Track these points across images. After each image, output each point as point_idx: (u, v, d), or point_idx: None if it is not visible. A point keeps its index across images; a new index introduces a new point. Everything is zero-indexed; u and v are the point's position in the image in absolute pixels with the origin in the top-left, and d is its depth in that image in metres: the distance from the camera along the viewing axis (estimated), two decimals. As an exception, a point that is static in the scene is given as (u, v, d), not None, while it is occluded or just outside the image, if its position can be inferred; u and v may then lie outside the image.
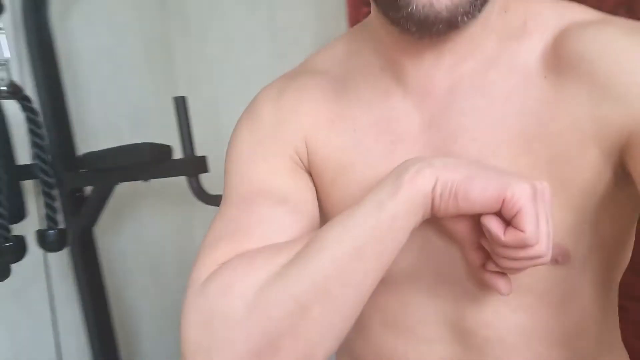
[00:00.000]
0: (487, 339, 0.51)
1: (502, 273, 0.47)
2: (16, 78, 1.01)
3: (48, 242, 1.07)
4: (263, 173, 0.55)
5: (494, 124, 0.50)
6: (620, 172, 0.48)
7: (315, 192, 0.57)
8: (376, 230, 0.44)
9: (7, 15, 1.04)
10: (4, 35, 0.98)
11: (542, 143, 0.48)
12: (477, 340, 0.52)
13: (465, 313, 0.52)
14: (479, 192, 0.42)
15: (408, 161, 0.46)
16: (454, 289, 0.52)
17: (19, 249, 1.02)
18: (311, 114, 0.57)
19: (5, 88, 0.98)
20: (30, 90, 1.16)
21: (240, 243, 0.50)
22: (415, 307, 0.53)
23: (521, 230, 0.41)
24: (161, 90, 1.48)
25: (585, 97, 0.47)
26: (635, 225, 0.52)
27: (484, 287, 0.50)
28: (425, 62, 0.51)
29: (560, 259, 0.49)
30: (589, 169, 0.47)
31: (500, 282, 0.48)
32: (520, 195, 0.41)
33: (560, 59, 0.48)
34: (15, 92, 1.00)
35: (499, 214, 0.42)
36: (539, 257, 0.43)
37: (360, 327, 0.55)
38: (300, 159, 0.57)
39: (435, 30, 0.46)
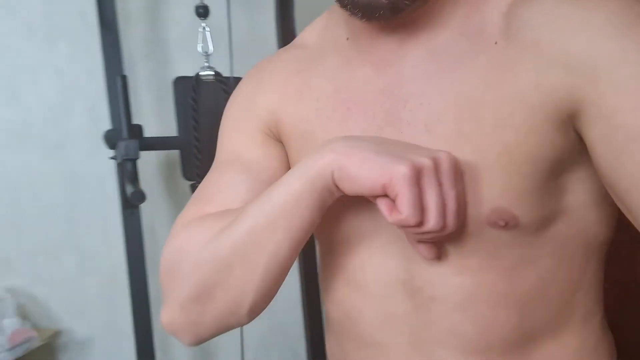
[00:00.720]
0: (433, 297, 0.54)
1: None
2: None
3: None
4: (235, 144, 0.64)
5: (442, 89, 0.51)
6: (575, 139, 0.49)
7: (286, 160, 0.63)
8: (285, 207, 0.50)
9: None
10: (209, 33, 1.37)
11: (487, 108, 0.49)
12: (424, 299, 0.54)
13: (413, 273, 0.54)
14: (365, 178, 0.46)
15: (324, 142, 0.51)
16: (404, 249, 0.54)
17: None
18: (282, 87, 0.62)
19: (212, 73, 1.40)
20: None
21: (201, 207, 0.60)
22: (371, 267, 0.56)
23: (400, 213, 0.45)
24: None
25: (530, 64, 0.48)
26: (609, 198, 0.51)
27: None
28: (381, 35, 0.55)
29: (503, 223, 0.50)
30: (536, 136, 0.48)
31: (421, 248, 0.51)
32: (397, 180, 0.45)
33: (509, 26, 0.49)
34: (217, 76, 1.40)
35: None
36: (432, 232, 0.47)
37: (328, 289, 0.62)
38: (270, 130, 0.63)
39: (378, 16, 0.49)
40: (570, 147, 0.50)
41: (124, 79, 1.24)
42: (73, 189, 1.78)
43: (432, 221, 0.46)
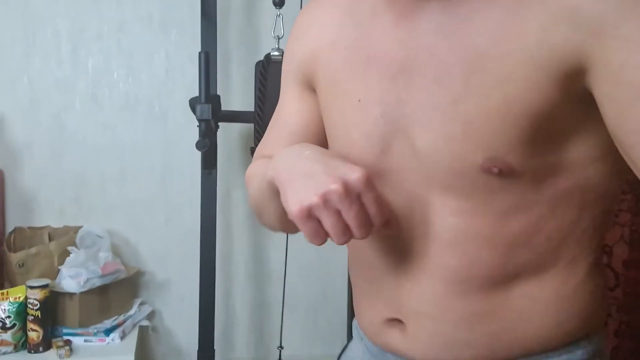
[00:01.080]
0: (427, 234, 0.58)
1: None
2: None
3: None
4: (282, 96, 0.75)
5: (452, 42, 0.52)
6: (579, 96, 0.50)
7: (319, 112, 0.69)
8: (265, 190, 0.61)
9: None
10: (281, 20, 1.62)
11: (494, 62, 0.50)
12: (420, 234, 0.58)
13: (414, 213, 0.58)
14: (284, 202, 0.53)
15: (276, 157, 0.59)
16: (407, 193, 0.59)
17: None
18: (317, 37, 0.66)
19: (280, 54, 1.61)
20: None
21: (262, 149, 0.77)
22: None
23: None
24: None
25: (535, 22, 0.48)
26: (614, 152, 0.51)
27: None
28: None
29: (497, 170, 0.51)
30: (536, 92, 0.49)
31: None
32: (294, 216, 0.51)
33: None
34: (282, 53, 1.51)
35: None
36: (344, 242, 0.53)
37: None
38: (307, 80, 0.69)
39: None
40: (573, 105, 0.50)
41: (206, 54, 1.49)
42: (168, 153, 2.09)
43: (339, 238, 0.52)
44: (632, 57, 0.45)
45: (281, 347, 1.89)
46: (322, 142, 0.69)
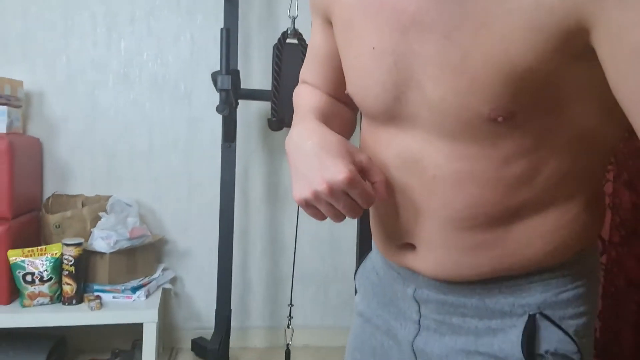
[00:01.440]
0: (435, 176, 0.61)
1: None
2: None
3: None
4: (312, 30, 0.79)
5: None
6: (582, 54, 0.51)
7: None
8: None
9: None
10: (296, 0, 1.77)
11: (497, 20, 0.51)
12: (429, 176, 0.61)
13: (425, 156, 0.61)
14: (292, 185, 0.62)
15: (294, 128, 0.67)
16: (419, 137, 0.62)
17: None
18: None
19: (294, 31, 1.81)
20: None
21: (303, 75, 0.84)
22: (396, 145, 0.64)
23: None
24: None
25: None
26: (614, 107, 0.52)
27: None
28: None
29: (501, 118, 0.54)
30: (535, 54, 0.50)
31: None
32: (296, 202, 0.62)
33: None
34: (299, 36, 1.82)
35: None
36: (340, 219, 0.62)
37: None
38: (327, 16, 0.72)
39: None
40: (576, 63, 0.51)
41: (227, 30, 1.64)
42: (192, 130, 2.25)
43: (333, 220, 0.62)
44: (629, 17, 0.45)
45: (290, 316, 1.98)
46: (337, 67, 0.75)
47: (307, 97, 0.78)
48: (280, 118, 1.78)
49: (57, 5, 2.12)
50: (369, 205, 0.61)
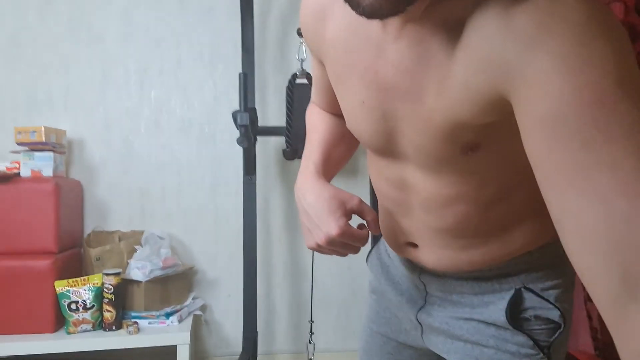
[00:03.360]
0: (428, 198, 0.71)
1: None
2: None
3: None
4: (312, 63, 0.86)
5: (426, 68, 0.60)
6: (510, 111, 0.56)
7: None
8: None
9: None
10: (303, 45, 1.95)
11: (448, 90, 0.59)
12: (424, 197, 0.71)
13: (419, 182, 0.71)
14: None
15: (302, 180, 0.78)
16: (411, 169, 0.71)
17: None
18: (325, 31, 0.72)
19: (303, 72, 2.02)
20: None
21: (312, 96, 0.93)
22: (394, 170, 0.74)
23: None
24: None
25: (466, 65, 0.56)
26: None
27: None
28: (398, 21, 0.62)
29: (469, 152, 0.62)
30: (478, 115, 0.58)
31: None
32: (309, 249, 0.76)
33: (464, 25, 0.55)
34: (307, 76, 2.01)
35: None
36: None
37: (375, 184, 0.84)
38: (319, 59, 0.79)
39: (382, 16, 0.54)
40: (500, 117, 0.58)
41: (245, 74, 1.85)
42: (216, 168, 2.45)
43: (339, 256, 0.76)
44: (531, 93, 0.50)
45: (312, 332, 2.08)
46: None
47: (316, 121, 0.89)
48: (294, 149, 1.97)
49: (94, 62, 2.39)
50: (363, 245, 0.73)
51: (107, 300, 2.01)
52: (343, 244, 0.71)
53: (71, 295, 1.98)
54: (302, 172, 0.80)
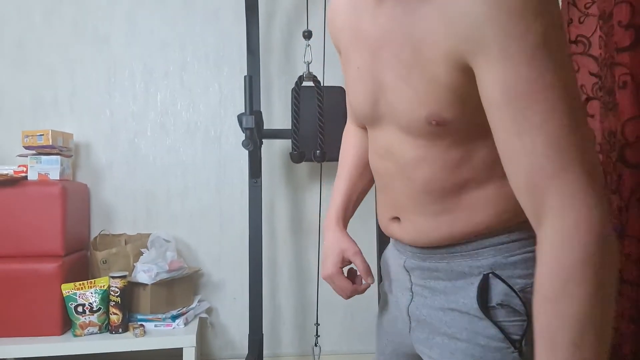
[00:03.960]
0: (404, 160, 0.79)
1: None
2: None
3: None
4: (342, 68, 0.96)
5: (403, 28, 0.69)
6: (465, 75, 0.64)
7: None
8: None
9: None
10: (309, 48, 1.99)
11: (426, 47, 0.66)
12: (400, 160, 0.80)
13: (395, 146, 0.79)
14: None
15: (329, 223, 0.97)
16: (391, 133, 0.79)
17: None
18: (336, 23, 0.89)
19: (309, 74, 2.04)
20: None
21: (348, 114, 1.07)
22: (380, 140, 0.83)
23: None
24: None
25: (438, 26, 0.63)
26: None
27: None
28: None
29: (434, 122, 0.70)
30: (449, 76, 0.65)
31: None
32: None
33: None
34: (314, 79, 2.02)
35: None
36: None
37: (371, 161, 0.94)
38: (339, 50, 0.93)
39: None
40: (464, 80, 0.65)
41: (250, 77, 1.85)
42: (222, 170, 2.46)
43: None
44: (489, 75, 0.60)
45: (317, 335, 2.08)
46: None
47: (347, 146, 1.04)
48: (301, 152, 1.97)
49: (100, 65, 2.40)
50: (345, 296, 0.92)
51: (114, 303, 2.02)
52: (332, 284, 0.91)
53: (78, 298, 1.99)
54: (329, 208, 0.99)
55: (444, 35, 0.63)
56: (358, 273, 0.93)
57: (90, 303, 2.00)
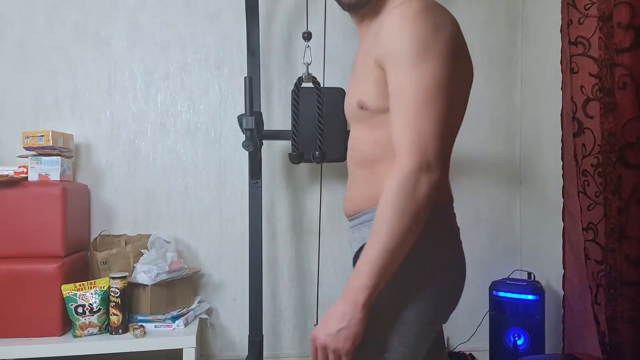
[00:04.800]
0: (352, 142, 1.08)
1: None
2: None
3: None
4: None
5: (364, 52, 1.03)
6: (382, 74, 0.95)
7: None
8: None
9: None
10: (309, 49, 2.00)
11: (365, 63, 1.00)
12: (351, 144, 1.09)
13: (352, 139, 1.09)
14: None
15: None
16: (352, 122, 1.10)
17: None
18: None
19: (308, 76, 2.03)
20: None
21: None
22: (351, 135, 1.10)
23: None
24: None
25: (370, 45, 0.98)
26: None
27: None
28: (359, 17, 1.09)
29: (360, 107, 1.00)
30: (372, 76, 0.97)
31: None
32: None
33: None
34: (313, 80, 2.01)
35: None
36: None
37: None
38: None
39: (352, 8, 1.06)
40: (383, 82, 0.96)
41: (250, 78, 1.85)
42: (222, 171, 2.46)
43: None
44: (390, 76, 0.92)
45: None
46: None
47: None
48: (300, 153, 1.97)
49: (101, 66, 2.40)
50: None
51: (114, 303, 2.02)
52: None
53: (78, 298, 1.99)
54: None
55: (375, 48, 0.96)
56: None
57: (90, 304, 2.00)
